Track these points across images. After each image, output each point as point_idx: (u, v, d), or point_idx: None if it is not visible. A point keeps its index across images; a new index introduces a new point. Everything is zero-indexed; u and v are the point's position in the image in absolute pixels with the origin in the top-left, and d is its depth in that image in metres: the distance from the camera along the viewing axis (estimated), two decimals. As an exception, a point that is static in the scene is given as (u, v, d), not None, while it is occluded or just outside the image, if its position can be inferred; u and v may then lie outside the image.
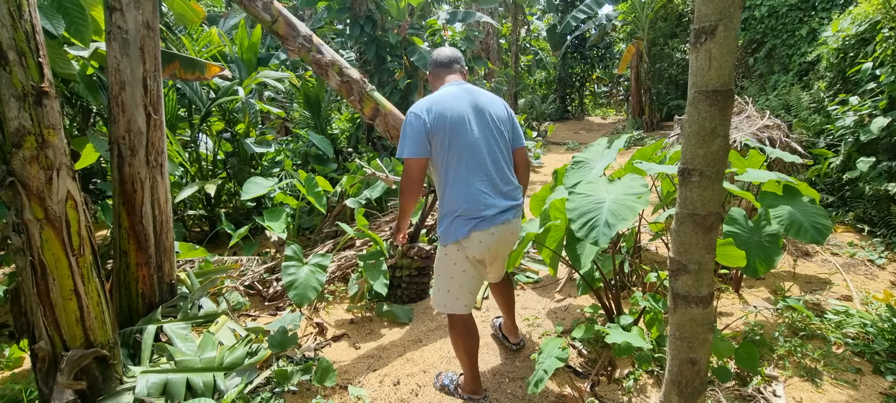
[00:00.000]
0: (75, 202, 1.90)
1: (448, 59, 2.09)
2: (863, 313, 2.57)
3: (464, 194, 1.90)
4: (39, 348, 1.89)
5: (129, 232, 2.48)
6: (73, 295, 1.90)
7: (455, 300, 2.03)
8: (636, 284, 3.04)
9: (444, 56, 2.10)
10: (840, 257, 3.53)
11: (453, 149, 1.88)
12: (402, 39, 5.94)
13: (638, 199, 2.02)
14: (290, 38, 3.07)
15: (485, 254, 1.98)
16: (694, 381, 1.30)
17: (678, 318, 1.29)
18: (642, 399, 2.14)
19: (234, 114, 4.68)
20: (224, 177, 4.61)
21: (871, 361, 2.28)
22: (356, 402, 2.23)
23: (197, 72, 3.48)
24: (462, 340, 2.09)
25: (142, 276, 2.54)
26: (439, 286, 2.07)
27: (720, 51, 1.07)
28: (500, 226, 1.94)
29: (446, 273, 2.01)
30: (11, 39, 1.70)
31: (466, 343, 2.09)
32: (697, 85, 1.12)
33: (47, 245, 1.83)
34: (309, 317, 3.07)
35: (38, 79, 1.77)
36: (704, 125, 1.12)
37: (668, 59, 11.31)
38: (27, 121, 1.75)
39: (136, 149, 2.46)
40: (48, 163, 1.81)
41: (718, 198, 1.18)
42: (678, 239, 1.25)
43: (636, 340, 2.13)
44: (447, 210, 1.95)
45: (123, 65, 2.39)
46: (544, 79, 16.50)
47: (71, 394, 1.87)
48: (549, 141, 11.02)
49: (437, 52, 2.12)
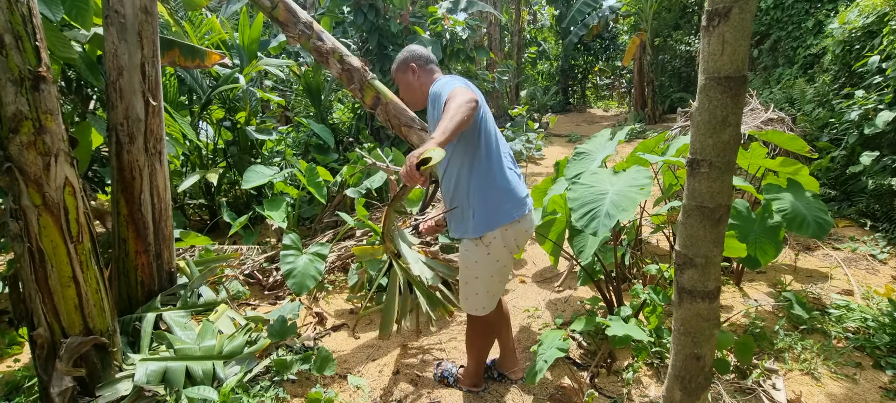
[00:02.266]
0: (73, 188, 1.88)
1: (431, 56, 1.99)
2: (864, 308, 2.57)
3: (504, 176, 1.78)
4: (38, 335, 1.88)
5: (127, 219, 2.47)
6: (72, 281, 1.89)
7: (493, 298, 1.91)
8: (637, 277, 3.03)
9: (427, 52, 1.98)
10: (842, 251, 3.52)
11: (488, 125, 1.79)
12: (403, 28, 5.88)
13: (640, 191, 2.01)
14: (290, 24, 3.02)
15: (522, 242, 1.87)
16: (698, 376, 1.29)
17: (683, 313, 1.28)
18: (641, 390, 2.14)
19: (234, 103, 4.63)
20: (224, 166, 4.58)
21: (872, 356, 2.28)
22: (355, 391, 2.23)
23: (197, 59, 3.44)
24: (487, 337, 2.04)
25: (141, 264, 2.53)
26: (479, 287, 1.86)
27: (734, 35, 1.04)
28: (529, 213, 1.86)
29: (486, 271, 1.84)
30: (7, 22, 1.66)
31: (489, 339, 2.06)
32: (709, 71, 1.09)
33: (45, 231, 1.82)
34: (308, 307, 3.06)
35: (35, 64, 1.74)
36: (715, 113, 1.09)
37: (671, 52, 11.21)
38: (24, 105, 1.72)
39: (134, 136, 2.43)
40: (46, 148, 1.78)
41: (728, 191, 1.16)
42: (685, 232, 1.23)
43: (636, 332, 2.12)
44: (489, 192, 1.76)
45: (121, 50, 2.36)
46: (546, 71, 16.39)
47: (70, 381, 1.87)
48: (550, 133, 10.96)
49: (418, 48, 1.98)
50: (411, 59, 1.94)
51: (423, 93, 1.92)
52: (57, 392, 1.83)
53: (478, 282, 1.86)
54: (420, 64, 1.93)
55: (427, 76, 1.92)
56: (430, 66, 1.94)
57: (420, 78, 1.92)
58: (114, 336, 2.07)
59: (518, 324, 2.80)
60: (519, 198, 1.81)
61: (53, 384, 1.84)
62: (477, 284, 1.87)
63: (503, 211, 1.77)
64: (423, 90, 1.92)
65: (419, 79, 1.92)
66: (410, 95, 1.98)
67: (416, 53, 1.96)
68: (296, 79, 6.26)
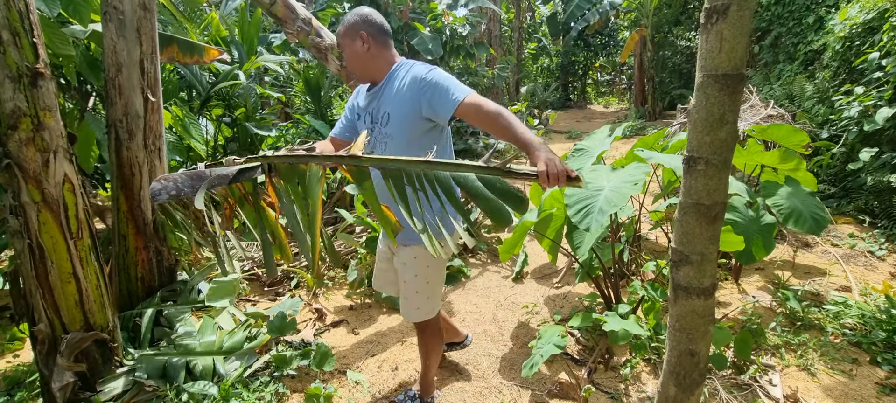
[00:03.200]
0: (73, 185, 1.89)
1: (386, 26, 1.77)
2: (861, 304, 2.58)
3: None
4: (39, 330, 1.89)
5: (127, 216, 2.47)
6: (72, 277, 1.90)
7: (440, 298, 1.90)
8: (635, 273, 3.04)
9: (382, 21, 1.75)
10: (840, 248, 3.52)
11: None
12: (403, 24, 5.87)
13: (633, 186, 2.02)
14: (288, 20, 3.02)
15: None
16: (693, 373, 1.30)
17: (679, 309, 1.28)
18: (639, 386, 2.15)
19: (234, 99, 4.63)
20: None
21: (869, 352, 2.29)
22: (355, 387, 2.24)
23: (196, 55, 3.43)
24: (440, 337, 1.99)
25: (141, 260, 2.54)
26: (432, 294, 1.83)
27: (732, 32, 1.04)
28: None
29: (440, 271, 1.82)
30: (5, 19, 1.66)
31: (441, 339, 2.02)
32: (706, 68, 1.09)
33: (45, 227, 1.82)
34: (308, 303, 3.07)
35: (33, 60, 1.74)
36: (712, 111, 1.09)
37: (672, 48, 11.17)
38: (22, 102, 1.72)
39: (133, 132, 2.44)
40: (44, 145, 1.79)
41: (724, 188, 1.16)
42: (681, 229, 1.23)
43: (633, 328, 2.13)
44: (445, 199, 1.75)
45: (120, 46, 2.36)
46: (546, 67, 16.35)
47: (71, 376, 1.88)
48: (550, 129, 10.96)
49: (372, 13, 1.73)
50: (362, 26, 1.70)
51: (376, 67, 1.73)
52: (58, 387, 1.84)
53: (436, 283, 1.82)
54: (372, 33, 1.70)
55: (381, 50, 1.73)
56: (386, 38, 1.74)
57: (372, 50, 1.71)
58: (114, 331, 2.09)
59: (516, 320, 2.82)
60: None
61: (54, 379, 1.85)
62: (434, 285, 1.82)
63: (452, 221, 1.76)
64: (376, 64, 1.73)
65: (370, 51, 1.71)
66: (359, 67, 1.75)
67: (369, 19, 1.72)
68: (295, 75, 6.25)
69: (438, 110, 1.59)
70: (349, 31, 1.71)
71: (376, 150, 1.74)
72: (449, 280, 3.38)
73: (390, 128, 1.68)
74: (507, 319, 2.84)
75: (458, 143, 7.85)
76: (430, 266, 1.78)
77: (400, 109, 1.66)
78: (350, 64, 1.77)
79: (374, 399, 2.17)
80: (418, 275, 1.78)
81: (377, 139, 1.73)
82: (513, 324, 2.77)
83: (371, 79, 1.77)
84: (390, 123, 1.68)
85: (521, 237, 2.62)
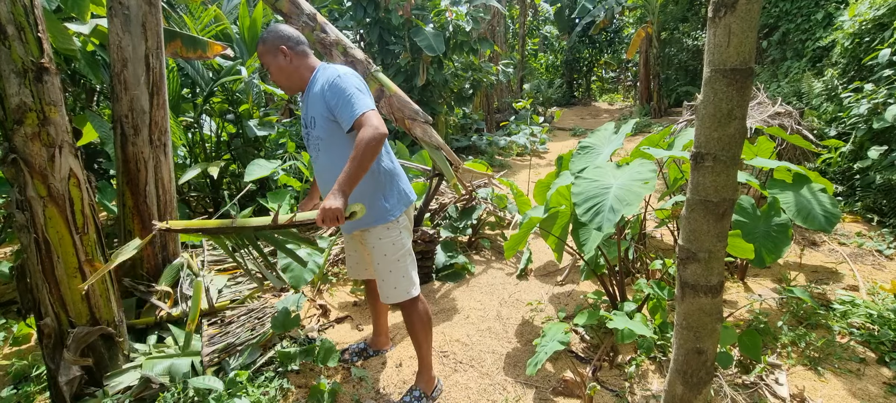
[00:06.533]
0: (78, 180, 1.89)
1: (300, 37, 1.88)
2: (869, 303, 2.55)
3: (394, 161, 1.95)
4: (45, 324, 1.90)
5: (133, 211, 2.48)
6: (78, 272, 1.91)
7: (416, 276, 1.99)
8: (640, 271, 3.02)
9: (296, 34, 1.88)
10: (847, 247, 3.49)
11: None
12: (405, 21, 5.85)
13: (644, 185, 2.00)
14: (293, 16, 3.01)
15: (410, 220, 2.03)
16: (700, 371, 1.29)
17: (686, 307, 1.27)
18: (644, 384, 2.14)
19: (237, 95, 4.63)
20: (227, 159, 4.59)
21: (877, 351, 2.27)
22: (358, 383, 2.24)
23: (199, 50, 3.43)
24: (429, 322, 2.03)
25: (146, 255, 2.54)
26: (405, 271, 1.94)
27: (741, 26, 1.02)
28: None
29: (405, 249, 1.94)
30: (10, 13, 1.66)
31: (430, 324, 2.04)
32: (714, 63, 1.07)
33: (51, 222, 1.83)
34: (312, 299, 3.08)
35: (38, 55, 1.74)
36: (720, 106, 1.07)
37: (678, 45, 11.08)
38: (28, 97, 1.73)
39: (139, 128, 2.44)
40: (50, 140, 1.79)
41: (733, 185, 1.14)
42: (688, 227, 1.22)
43: (639, 327, 2.12)
44: (393, 177, 1.91)
45: (125, 42, 2.36)
46: (551, 64, 16.27)
47: (77, 370, 1.89)
48: (555, 126, 10.92)
49: (285, 28, 1.86)
50: (280, 42, 1.82)
51: (300, 76, 1.85)
52: (65, 381, 1.85)
53: (406, 262, 1.95)
54: (291, 45, 1.83)
55: (301, 59, 1.85)
56: (302, 47, 1.86)
57: (294, 62, 1.84)
58: (120, 326, 2.10)
59: (520, 317, 2.81)
60: (407, 179, 2.00)
61: (61, 373, 1.86)
62: (405, 264, 1.94)
63: (406, 192, 1.95)
64: (300, 73, 1.85)
65: (293, 63, 1.83)
66: (284, 79, 1.86)
67: (284, 34, 1.84)
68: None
69: (340, 118, 1.72)
70: (270, 49, 1.83)
71: (311, 154, 1.92)
72: (453, 277, 3.37)
73: (318, 131, 1.83)
74: (512, 316, 2.83)
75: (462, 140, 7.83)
76: (394, 243, 1.91)
77: (320, 112, 1.79)
78: (276, 79, 1.88)
79: (378, 395, 2.17)
80: (387, 255, 1.91)
81: (310, 143, 1.89)
82: (517, 321, 2.77)
83: (298, 88, 1.91)
84: (317, 126, 1.82)
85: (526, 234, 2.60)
